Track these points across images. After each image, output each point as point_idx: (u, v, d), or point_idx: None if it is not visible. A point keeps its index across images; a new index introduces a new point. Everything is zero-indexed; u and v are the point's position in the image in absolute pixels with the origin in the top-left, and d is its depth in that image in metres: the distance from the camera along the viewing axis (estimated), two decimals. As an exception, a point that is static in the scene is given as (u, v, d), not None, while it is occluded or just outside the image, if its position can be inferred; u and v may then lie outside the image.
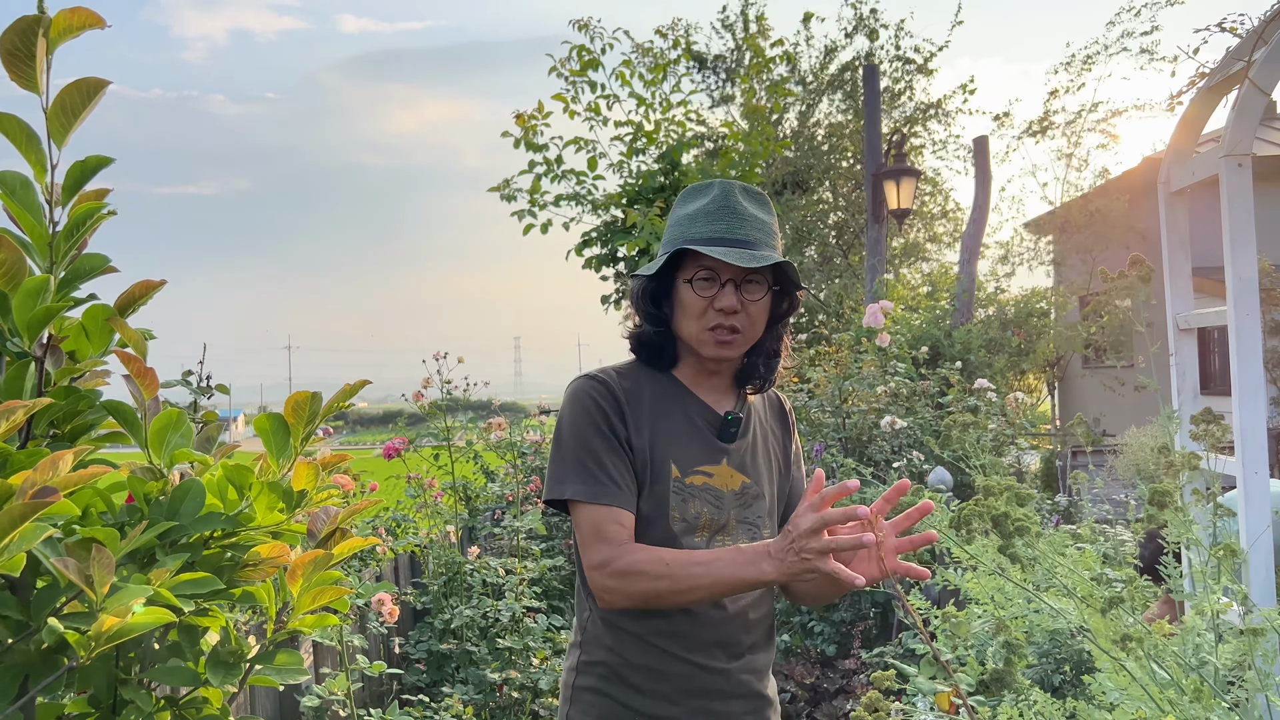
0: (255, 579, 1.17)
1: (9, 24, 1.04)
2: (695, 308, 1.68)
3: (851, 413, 5.52)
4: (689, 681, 1.66)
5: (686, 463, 1.70)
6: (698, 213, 1.69)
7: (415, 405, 5.13)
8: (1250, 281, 2.15)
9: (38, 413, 1.06)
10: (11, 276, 1.02)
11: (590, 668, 1.69)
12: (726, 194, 1.70)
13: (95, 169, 1.15)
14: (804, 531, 1.43)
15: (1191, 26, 2.20)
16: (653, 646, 1.65)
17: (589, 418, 1.65)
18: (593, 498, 1.61)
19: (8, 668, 0.97)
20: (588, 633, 1.72)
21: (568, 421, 1.67)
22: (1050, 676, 2.45)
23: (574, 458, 1.64)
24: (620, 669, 1.66)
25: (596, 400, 1.67)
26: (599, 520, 1.60)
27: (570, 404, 1.68)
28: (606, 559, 1.57)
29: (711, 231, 1.66)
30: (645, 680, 1.65)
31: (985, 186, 10.54)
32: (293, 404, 1.21)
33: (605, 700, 1.66)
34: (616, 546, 1.58)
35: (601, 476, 1.62)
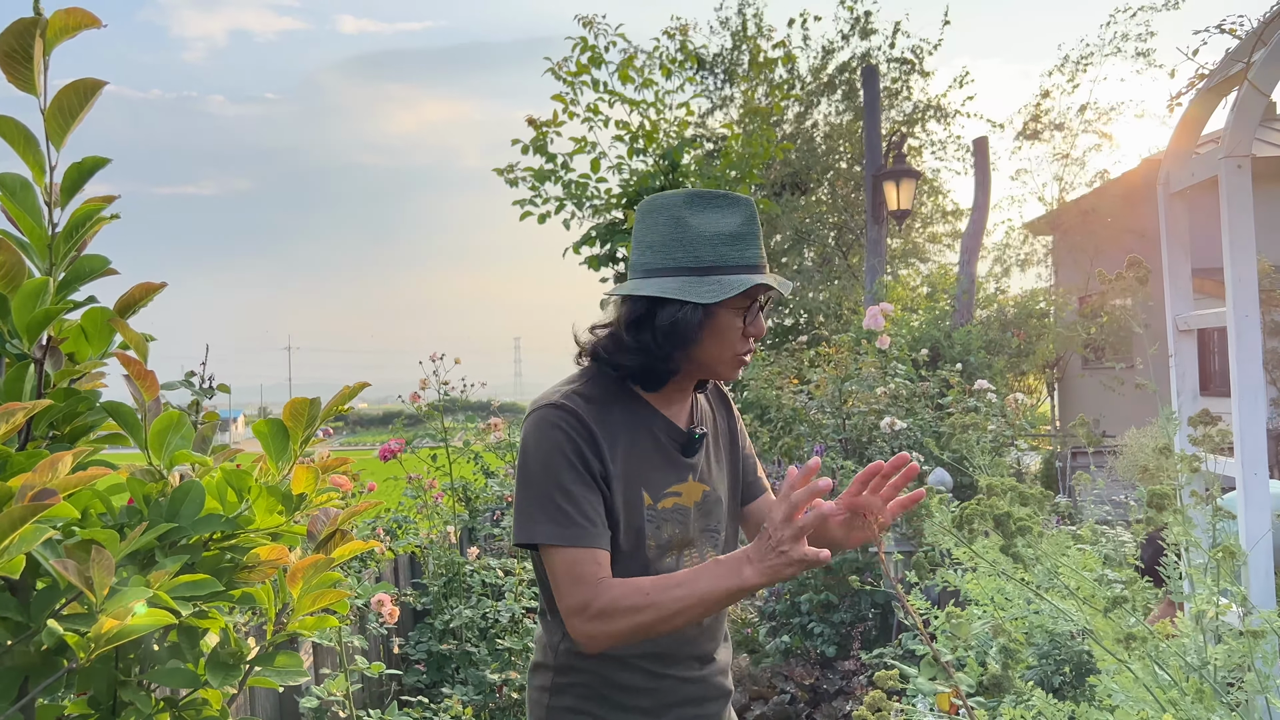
0: (254, 581, 1.17)
1: (6, 26, 1.05)
2: (734, 335, 1.62)
3: (851, 414, 5.52)
4: (671, 694, 1.66)
5: (657, 488, 1.66)
6: (737, 235, 1.60)
7: (412, 406, 5.12)
8: (1250, 283, 2.15)
9: (37, 414, 1.06)
10: (11, 279, 1.02)
11: (567, 688, 1.66)
12: (754, 215, 1.64)
13: (93, 170, 1.15)
14: (778, 524, 1.42)
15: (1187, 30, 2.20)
16: (634, 667, 1.64)
17: (559, 452, 1.55)
18: (567, 540, 1.52)
19: (8, 669, 0.97)
20: (560, 655, 1.66)
21: (534, 455, 1.57)
22: (1050, 678, 2.45)
23: (543, 495, 1.54)
24: (600, 688, 1.64)
25: (567, 432, 1.56)
26: (572, 562, 1.52)
27: (536, 435, 1.58)
28: (585, 601, 1.50)
29: (751, 258, 1.60)
30: (627, 697, 1.64)
31: (985, 188, 10.55)
32: (291, 409, 1.21)
33: (585, 718, 1.65)
34: (593, 586, 1.50)
35: (575, 516, 1.53)
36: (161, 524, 1.05)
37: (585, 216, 7.23)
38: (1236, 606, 1.60)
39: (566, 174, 7.06)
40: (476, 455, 5.63)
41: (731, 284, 1.56)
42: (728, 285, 1.56)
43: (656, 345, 1.60)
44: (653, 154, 7.13)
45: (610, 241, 6.91)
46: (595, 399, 1.63)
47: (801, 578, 5.06)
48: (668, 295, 1.56)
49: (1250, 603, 1.63)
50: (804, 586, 5.02)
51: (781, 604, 5.06)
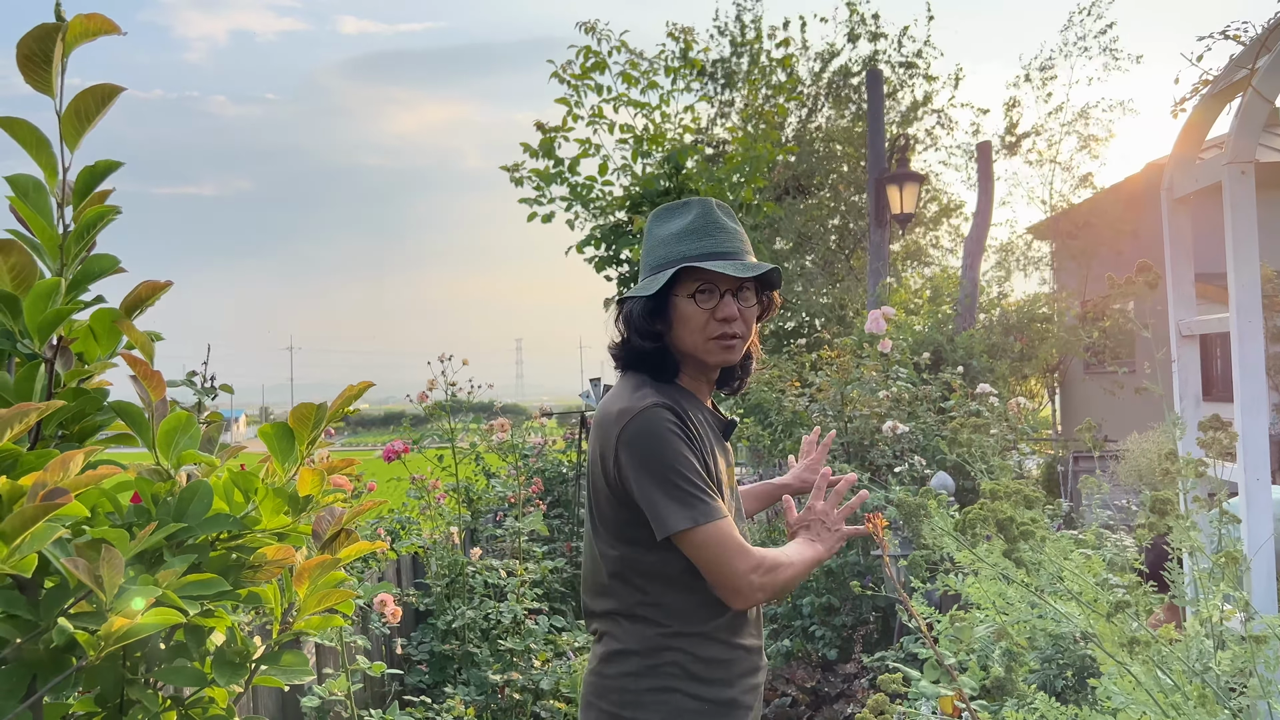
0: (261, 580, 1.17)
1: (28, 29, 1.06)
2: (697, 321, 1.79)
3: (853, 417, 5.52)
4: (741, 664, 1.82)
5: (718, 466, 1.84)
6: (683, 231, 1.81)
7: (420, 406, 5.13)
8: (1253, 288, 2.16)
9: (47, 414, 1.07)
10: (22, 279, 1.02)
11: (656, 670, 1.77)
12: (708, 211, 1.83)
13: (105, 173, 1.15)
14: (829, 512, 1.85)
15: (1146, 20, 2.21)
16: (717, 641, 1.79)
17: (676, 447, 1.71)
18: (717, 515, 1.69)
19: (17, 667, 0.98)
20: (649, 640, 1.78)
21: (660, 452, 1.70)
22: (1053, 681, 2.45)
23: (680, 485, 1.69)
24: (690, 665, 1.77)
25: (674, 429, 1.72)
26: (729, 532, 1.69)
27: (652, 435, 1.71)
28: (756, 560, 1.69)
29: (704, 247, 1.78)
30: (711, 671, 1.78)
31: (988, 192, 10.55)
32: (298, 414, 1.22)
33: (675, 695, 1.76)
34: (751, 549, 1.71)
35: (711, 495, 1.71)
36: (170, 524, 1.06)
37: (589, 218, 7.24)
38: (1239, 612, 1.60)
39: (573, 176, 7.08)
40: (478, 456, 5.64)
41: (663, 276, 1.76)
42: (662, 278, 1.77)
43: (634, 338, 1.83)
44: (657, 157, 7.14)
45: (614, 243, 6.92)
46: (669, 396, 1.79)
47: (804, 581, 5.06)
48: (626, 295, 1.83)
49: (1253, 608, 1.63)
50: (806, 590, 5.02)
51: (783, 607, 5.06)
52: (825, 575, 5.04)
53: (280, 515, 1.19)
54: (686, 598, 1.76)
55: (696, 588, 1.76)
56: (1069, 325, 10.65)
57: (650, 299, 1.79)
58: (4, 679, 0.97)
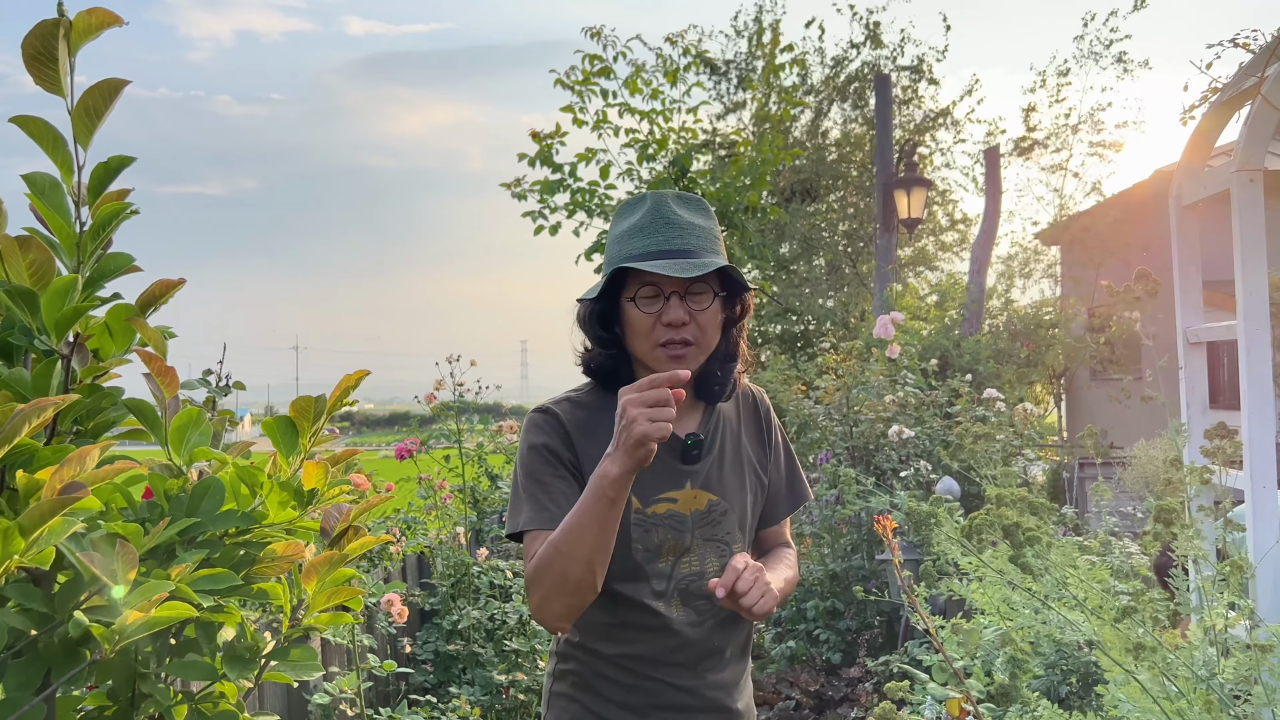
0: (270, 575, 1.18)
1: (30, 28, 1.06)
2: (643, 325, 1.63)
3: (859, 421, 5.52)
4: (657, 696, 1.69)
5: (647, 492, 1.67)
6: (632, 229, 1.64)
7: (427, 407, 5.14)
8: (1261, 296, 2.16)
9: (63, 410, 1.08)
10: (41, 276, 1.03)
11: (565, 675, 1.74)
12: (659, 205, 1.65)
13: (118, 169, 1.16)
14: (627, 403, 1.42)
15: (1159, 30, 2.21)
16: (618, 664, 1.69)
17: (535, 451, 1.65)
18: (534, 524, 1.60)
19: (31, 660, 0.99)
20: (561, 644, 1.76)
21: (519, 455, 1.69)
22: (1057, 687, 2.45)
23: (518, 492, 1.65)
24: (591, 680, 1.71)
25: (544, 433, 1.66)
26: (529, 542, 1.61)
27: (521, 437, 1.70)
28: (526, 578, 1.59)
29: (647, 246, 1.61)
30: (615, 692, 1.69)
31: (995, 198, 10.54)
32: (298, 406, 1.23)
33: (576, 706, 1.72)
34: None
35: (546, 503, 1.61)
36: (183, 519, 1.07)
37: (594, 224, 7.25)
38: (1244, 619, 1.60)
39: (575, 182, 7.08)
40: (482, 458, 5.64)
41: (612, 275, 1.63)
42: (609, 276, 1.64)
43: (586, 344, 1.73)
44: (662, 161, 7.15)
45: (620, 247, 6.92)
46: (585, 404, 1.71)
47: (808, 584, 5.06)
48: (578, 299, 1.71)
49: (1258, 615, 1.64)
50: (810, 593, 5.03)
51: (788, 610, 5.07)
52: (830, 579, 5.04)
53: (286, 509, 1.20)
54: (593, 614, 1.66)
55: (605, 606, 1.65)
56: (1076, 332, 10.63)
57: (596, 302, 1.67)
58: (19, 671, 0.98)
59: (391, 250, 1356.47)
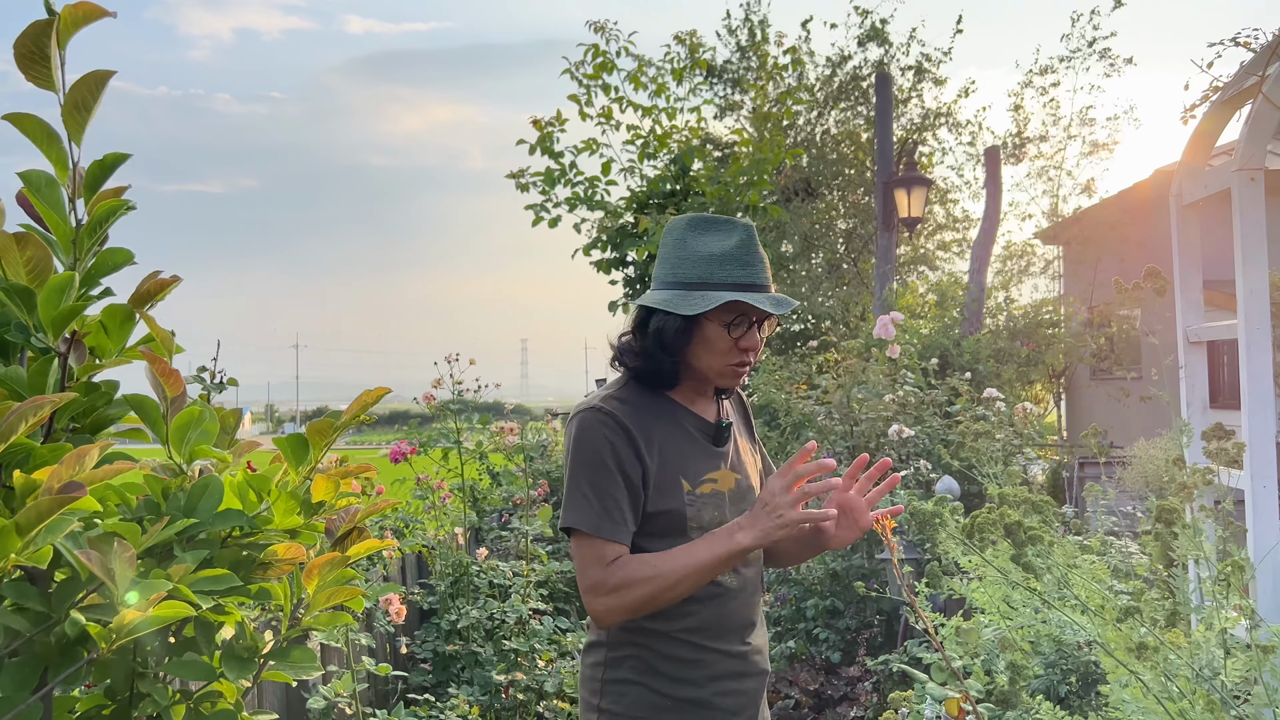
0: (271, 577, 1.18)
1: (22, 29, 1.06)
2: (723, 346, 1.78)
3: (860, 420, 5.52)
4: (714, 667, 1.79)
5: (695, 475, 1.81)
6: (726, 255, 1.77)
7: (426, 406, 5.14)
8: (1261, 295, 2.16)
9: (60, 408, 1.07)
10: (37, 273, 1.03)
11: (620, 661, 1.79)
12: (751, 238, 1.80)
13: (114, 166, 1.16)
14: (775, 490, 1.64)
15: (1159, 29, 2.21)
16: (681, 641, 1.77)
17: (595, 452, 1.73)
18: (589, 527, 1.70)
19: (28, 659, 0.99)
20: (612, 631, 1.80)
21: (576, 454, 1.75)
22: (1057, 687, 2.45)
23: (577, 488, 1.73)
24: (652, 661, 1.77)
25: (604, 434, 1.74)
26: (593, 550, 1.70)
27: (579, 437, 1.76)
28: (599, 580, 1.69)
29: (743, 277, 1.76)
30: (676, 669, 1.77)
31: (996, 197, 10.53)
32: (316, 428, 1.23)
33: (637, 688, 1.77)
34: (606, 567, 1.69)
35: (600, 509, 1.71)
36: (181, 519, 1.06)
37: (595, 220, 7.25)
38: (1244, 619, 1.60)
39: (575, 175, 7.08)
40: (483, 456, 5.64)
41: (710, 299, 1.74)
42: (708, 300, 1.74)
43: (652, 349, 1.80)
44: (664, 159, 7.15)
45: (620, 245, 6.92)
46: (630, 401, 1.81)
47: (808, 583, 5.06)
48: (655, 306, 1.77)
49: (1258, 616, 1.63)
50: (810, 592, 5.02)
51: (787, 609, 5.06)
52: (830, 578, 5.03)
53: (293, 516, 1.19)
54: None
55: None
56: (1076, 331, 10.63)
57: (684, 318, 1.77)
58: (16, 671, 0.98)
59: (392, 249, 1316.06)
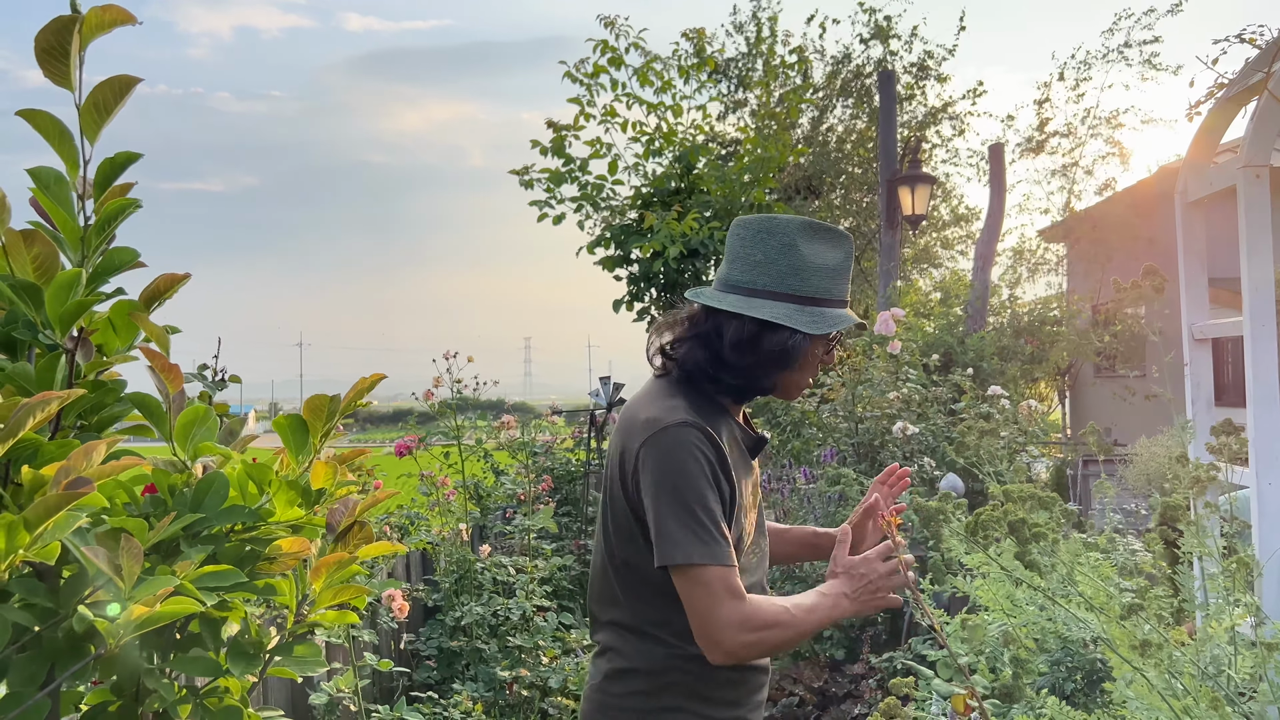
0: (276, 572, 1.18)
1: (30, 22, 1.06)
2: (815, 364, 1.76)
3: (864, 418, 5.52)
4: (751, 683, 1.79)
5: (745, 488, 1.77)
6: (838, 270, 1.72)
7: (426, 404, 5.15)
8: (1266, 292, 2.15)
9: (67, 404, 1.08)
10: (45, 270, 1.03)
11: (666, 689, 1.71)
12: (852, 251, 1.76)
13: (124, 165, 1.16)
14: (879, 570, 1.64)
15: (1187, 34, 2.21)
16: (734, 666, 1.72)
17: (699, 473, 1.62)
18: (718, 559, 1.58)
19: (36, 654, 0.99)
20: (656, 659, 1.72)
21: (679, 475, 1.62)
22: (1062, 684, 2.45)
23: (690, 515, 1.60)
24: (698, 686, 1.71)
25: (704, 453, 1.63)
26: (725, 577, 1.58)
27: (677, 456, 1.63)
28: (746, 616, 1.58)
29: (844, 292, 1.74)
30: (720, 691, 1.73)
31: (1000, 194, 10.52)
32: (311, 405, 1.23)
33: (683, 715, 1.71)
34: (748, 602, 1.59)
35: (718, 534, 1.60)
36: (187, 514, 1.07)
37: (600, 219, 7.25)
38: (1249, 616, 1.60)
39: (583, 175, 7.08)
40: (487, 453, 5.65)
41: (835, 318, 1.68)
42: (832, 319, 1.68)
43: (759, 367, 1.70)
44: (668, 156, 7.14)
45: (624, 243, 6.92)
46: (703, 412, 1.70)
47: (810, 581, 5.07)
48: (780, 321, 1.66)
49: (1263, 613, 1.63)
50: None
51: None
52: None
53: (294, 507, 1.20)
54: None
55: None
56: (1080, 329, 10.62)
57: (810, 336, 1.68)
58: (24, 666, 0.98)
59: (394, 247, 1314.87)
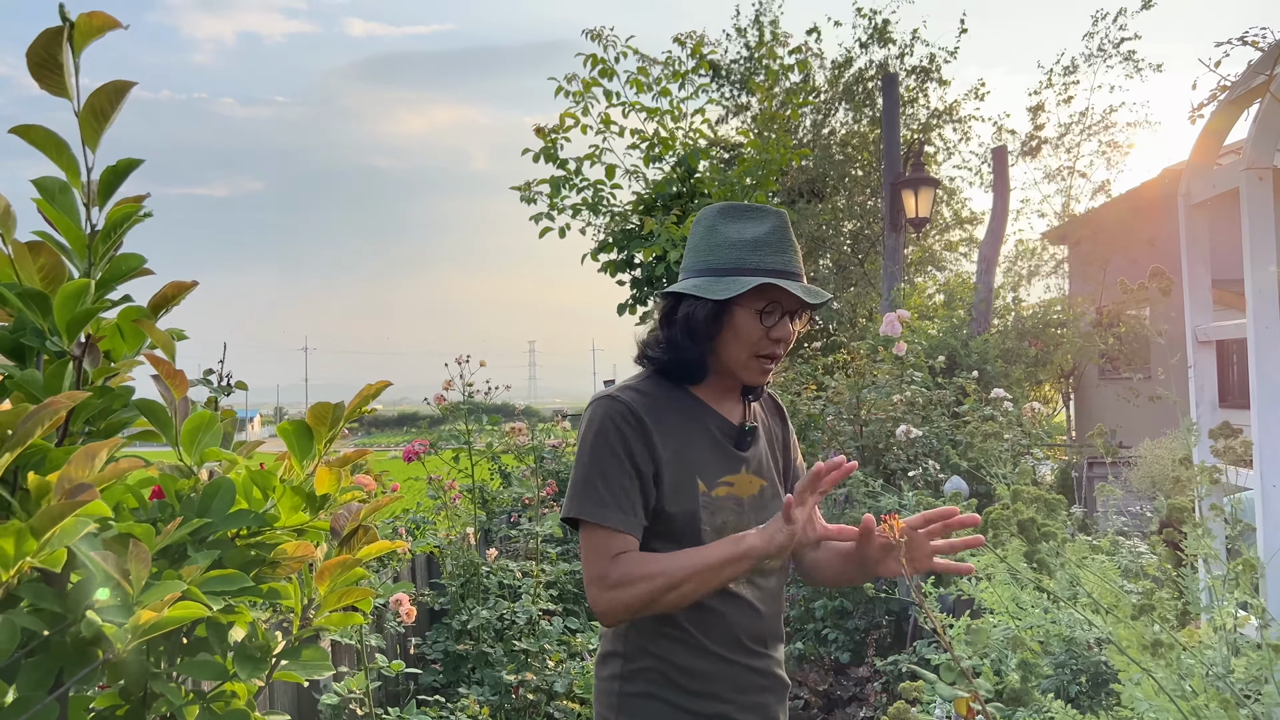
0: (281, 576, 1.19)
1: (27, 23, 1.07)
2: (752, 335, 1.72)
3: (868, 421, 5.51)
4: (738, 680, 1.74)
5: (711, 476, 1.75)
6: (759, 241, 1.72)
7: (436, 408, 5.15)
8: (1270, 293, 2.15)
9: (74, 411, 1.08)
10: (52, 279, 1.04)
11: (637, 674, 1.73)
12: (785, 225, 1.75)
13: (126, 171, 1.17)
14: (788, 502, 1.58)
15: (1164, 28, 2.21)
16: (702, 652, 1.71)
17: (606, 441, 1.68)
18: (596, 518, 1.64)
19: (44, 659, 1.00)
20: (630, 642, 1.74)
21: (588, 442, 1.70)
22: (1067, 686, 2.45)
23: (587, 479, 1.67)
24: (670, 673, 1.71)
25: (617, 423, 1.69)
26: (596, 537, 1.65)
27: (591, 424, 1.71)
28: (603, 572, 1.63)
29: (777, 263, 1.71)
30: (694, 682, 1.71)
31: (1003, 197, 10.51)
32: (315, 412, 1.23)
33: (656, 703, 1.71)
34: (612, 559, 1.63)
35: (609, 499, 1.65)
36: (194, 519, 1.07)
37: (601, 224, 7.25)
38: (1255, 618, 1.60)
39: (581, 181, 7.08)
40: (495, 457, 5.65)
41: (742, 283, 1.67)
42: (739, 284, 1.67)
43: (679, 339, 1.74)
44: (669, 161, 7.15)
45: (627, 248, 6.93)
46: (650, 394, 1.75)
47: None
48: (684, 291, 1.71)
49: (1269, 614, 1.63)
50: (818, 593, 5.02)
51: (796, 610, 5.06)
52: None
53: (298, 512, 1.20)
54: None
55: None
56: (1084, 331, 10.60)
57: (715, 303, 1.70)
58: (32, 671, 0.99)
59: (398, 251, 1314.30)
